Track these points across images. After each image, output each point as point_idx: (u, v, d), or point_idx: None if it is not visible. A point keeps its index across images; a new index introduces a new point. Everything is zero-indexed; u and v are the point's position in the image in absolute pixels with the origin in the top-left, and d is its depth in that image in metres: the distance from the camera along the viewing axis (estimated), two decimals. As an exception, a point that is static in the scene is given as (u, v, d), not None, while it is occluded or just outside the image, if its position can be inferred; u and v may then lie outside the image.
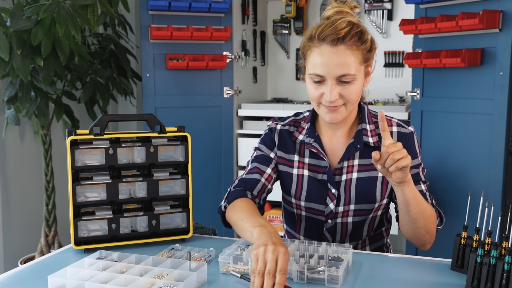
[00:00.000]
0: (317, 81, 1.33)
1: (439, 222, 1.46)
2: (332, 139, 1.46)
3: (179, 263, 1.19)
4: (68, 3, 2.27)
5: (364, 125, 1.43)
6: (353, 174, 1.42)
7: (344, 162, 1.43)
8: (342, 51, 1.29)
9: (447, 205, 2.36)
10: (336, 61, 1.29)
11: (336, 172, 1.43)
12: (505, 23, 2.11)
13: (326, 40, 1.30)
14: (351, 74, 1.30)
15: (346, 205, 1.42)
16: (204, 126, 2.94)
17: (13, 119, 2.62)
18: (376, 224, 1.50)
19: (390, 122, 1.45)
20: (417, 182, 1.43)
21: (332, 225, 1.45)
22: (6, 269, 2.73)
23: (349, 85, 1.32)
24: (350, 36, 1.30)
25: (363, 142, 1.41)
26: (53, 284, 1.10)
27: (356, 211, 1.43)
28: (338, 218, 1.44)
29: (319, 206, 1.45)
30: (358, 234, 1.48)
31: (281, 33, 3.42)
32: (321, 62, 1.30)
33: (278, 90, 3.51)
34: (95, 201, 1.38)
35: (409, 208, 1.29)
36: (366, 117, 1.44)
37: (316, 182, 1.45)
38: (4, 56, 2.20)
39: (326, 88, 1.31)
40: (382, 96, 3.12)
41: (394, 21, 3.11)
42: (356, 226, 1.46)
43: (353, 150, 1.41)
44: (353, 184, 1.42)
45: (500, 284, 1.07)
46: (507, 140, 2.15)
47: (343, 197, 1.42)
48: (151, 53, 2.85)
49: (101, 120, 1.36)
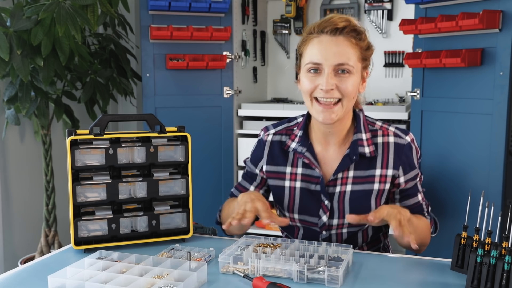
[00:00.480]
0: (314, 72, 1.31)
1: (433, 229, 1.47)
2: (326, 148, 1.42)
3: (179, 263, 1.19)
4: (68, 3, 2.27)
5: (359, 135, 1.39)
6: (347, 187, 1.39)
7: (339, 173, 1.39)
8: (341, 41, 1.29)
9: (447, 205, 2.36)
10: (335, 50, 1.28)
11: (330, 184, 1.40)
12: (505, 23, 2.11)
13: (325, 30, 1.30)
14: (349, 64, 1.29)
15: (341, 219, 1.40)
16: (204, 126, 2.94)
17: (13, 119, 2.62)
18: (372, 231, 1.48)
19: (387, 131, 1.41)
20: (414, 194, 1.43)
21: (327, 236, 1.44)
22: (6, 269, 2.73)
23: (346, 77, 1.29)
24: (348, 30, 1.30)
25: (358, 153, 1.37)
26: (53, 284, 1.10)
27: (351, 224, 1.40)
28: (332, 230, 1.43)
29: (313, 218, 1.43)
30: (354, 242, 1.47)
31: (281, 33, 3.42)
32: (319, 50, 1.29)
33: (278, 90, 3.51)
34: (95, 201, 1.38)
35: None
36: (362, 126, 1.40)
37: (309, 193, 1.42)
38: (4, 56, 2.20)
39: (322, 79, 1.29)
40: (382, 96, 3.12)
41: (394, 21, 3.11)
42: (350, 236, 1.45)
43: (349, 162, 1.38)
44: (347, 197, 1.39)
45: (500, 284, 1.07)
46: (507, 140, 2.15)
47: (337, 210, 1.40)
48: (151, 53, 2.85)
49: (101, 120, 1.36)
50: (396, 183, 1.41)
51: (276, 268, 1.18)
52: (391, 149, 1.38)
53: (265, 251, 1.26)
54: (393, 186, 1.42)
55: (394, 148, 1.39)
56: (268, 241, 1.35)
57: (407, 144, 1.40)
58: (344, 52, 1.28)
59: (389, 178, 1.39)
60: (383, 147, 1.39)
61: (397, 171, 1.39)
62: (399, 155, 1.38)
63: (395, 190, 1.43)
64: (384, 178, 1.39)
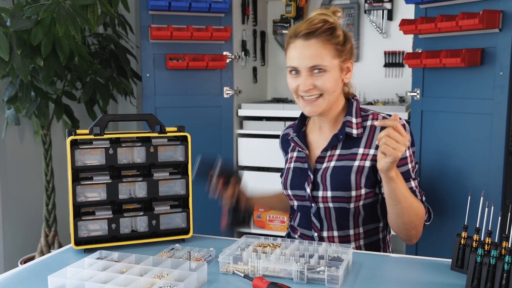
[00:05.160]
0: (293, 73, 1.45)
1: (427, 218, 1.50)
2: (320, 132, 1.56)
3: (179, 263, 1.19)
4: (68, 3, 2.27)
5: (349, 117, 1.50)
6: (331, 163, 1.50)
7: (328, 151, 1.51)
8: (313, 44, 1.41)
9: (447, 205, 2.36)
10: (307, 53, 1.41)
11: (319, 161, 1.52)
12: (505, 23, 2.11)
13: (299, 35, 1.43)
14: (322, 65, 1.41)
15: (324, 191, 1.49)
16: (204, 126, 2.94)
17: (13, 119, 2.62)
18: (363, 215, 1.51)
19: (377, 116, 1.51)
20: (407, 179, 1.45)
21: (316, 209, 1.51)
22: (6, 269, 2.73)
23: (321, 75, 1.42)
24: (321, 31, 1.41)
25: (345, 133, 1.48)
26: (53, 284, 1.10)
27: (335, 198, 1.48)
28: (319, 203, 1.51)
29: (301, 192, 1.54)
30: (345, 224, 1.51)
31: (281, 33, 3.42)
32: (295, 55, 1.44)
33: (278, 90, 3.51)
34: (95, 201, 1.38)
35: (394, 202, 1.36)
36: (354, 111, 1.51)
37: (299, 171, 1.56)
38: (4, 56, 2.20)
39: (300, 80, 1.44)
40: (382, 96, 3.12)
41: (394, 21, 3.11)
42: (339, 214, 1.50)
43: (336, 141, 1.50)
44: (329, 172, 1.49)
45: (500, 284, 1.07)
46: (507, 140, 2.15)
47: (320, 183, 1.50)
48: (151, 53, 2.85)
49: (101, 120, 1.36)
50: None
51: (276, 268, 1.18)
52: (377, 130, 1.48)
53: (265, 251, 1.26)
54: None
55: (380, 129, 1.43)
56: (268, 241, 1.35)
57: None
58: (316, 54, 1.41)
59: (370, 156, 1.47)
60: (370, 130, 1.50)
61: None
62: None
63: None
64: (366, 156, 1.47)
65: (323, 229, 1.52)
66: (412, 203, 1.38)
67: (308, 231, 1.55)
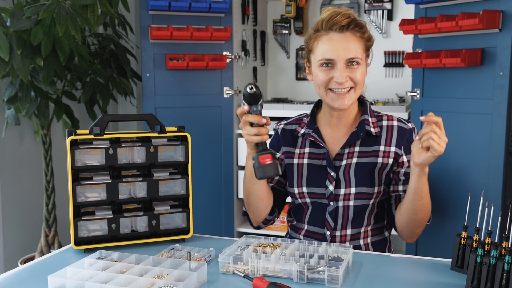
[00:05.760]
0: (326, 66, 1.44)
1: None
2: (334, 129, 1.56)
3: (179, 263, 1.19)
4: (68, 3, 2.27)
5: (366, 116, 1.53)
6: (353, 160, 1.51)
7: (346, 148, 1.52)
8: (348, 37, 1.44)
9: (447, 205, 2.36)
10: (345, 46, 1.43)
11: (337, 158, 1.52)
12: (505, 23, 2.11)
13: (333, 28, 1.44)
14: (358, 57, 1.44)
15: (347, 188, 1.49)
16: (204, 126, 2.94)
17: (13, 119, 2.62)
18: (375, 212, 1.54)
19: (392, 117, 1.55)
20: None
21: (334, 208, 1.50)
22: (6, 269, 2.73)
23: (356, 68, 1.44)
24: (353, 25, 1.45)
25: (365, 130, 1.50)
26: (53, 284, 1.10)
27: (358, 194, 1.49)
28: (340, 201, 1.50)
29: (320, 189, 1.52)
30: (359, 222, 1.52)
31: (281, 33, 3.42)
32: (331, 47, 1.43)
33: (278, 90, 3.51)
34: (95, 201, 1.38)
35: (419, 198, 1.38)
36: (369, 111, 1.54)
37: (315, 167, 1.54)
38: (4, 56, 2.20)
39: (335, 72, 1.43)
40: (382, 96, 3.12)
41: (394, 21, 3.11)
42: (357, 212, 1.50)
43: (355, 138, 1.51)
44: (352, 168, 1.50)
45: (500, 284, 1.07)
46: (507, 140, 2.15)
47: (343, 180, 1.50)
48: (151, 53, 2.85)
49: (101, 120, 1.36)
50: (400, 161, 1.52)
51: (276, 268, 1.18)
52: (394, 130, 1.53)
53: (265, 251, 1.26)
54: (397, 166, 1.52)
55: (397, 130, 1.53)
56: (268, 241, 1.35)
57: (409, 129, 1.54)
58: (352, 47, 1.43)
59: (392, 154, 1.51)
60: (387, 129, 1.53)
61: (400, 150, 1.51)
62: (402, 136, 1.53)
63: (399, 170, 1.52)
64: (388, 154, 1.51)
65: (336, 228, 1.51)
66: (428, 203, 1.43)
67: (320, 229, 1.54)
